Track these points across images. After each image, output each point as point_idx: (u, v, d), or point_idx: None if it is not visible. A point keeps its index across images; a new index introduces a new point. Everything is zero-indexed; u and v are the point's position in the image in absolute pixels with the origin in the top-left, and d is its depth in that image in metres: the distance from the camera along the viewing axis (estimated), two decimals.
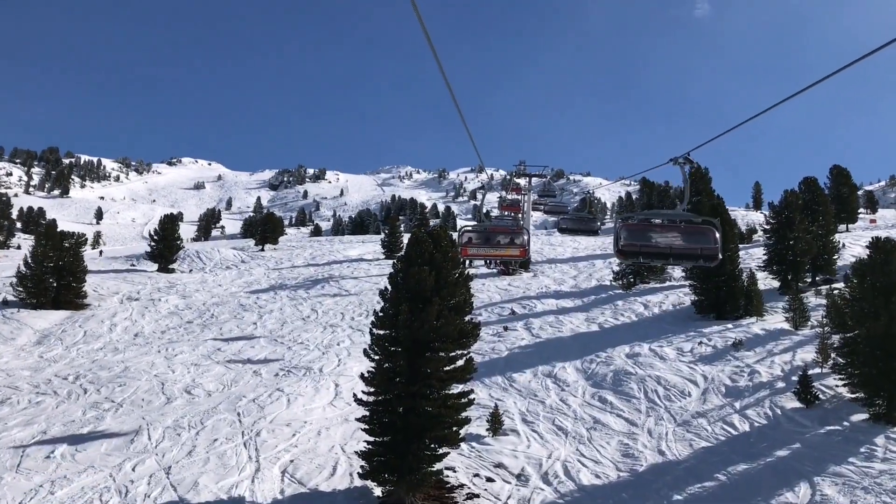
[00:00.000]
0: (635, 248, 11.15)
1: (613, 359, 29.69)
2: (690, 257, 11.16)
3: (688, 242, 10.96)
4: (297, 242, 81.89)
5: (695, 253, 11.02)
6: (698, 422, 23.24)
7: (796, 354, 27.65)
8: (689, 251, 11.02)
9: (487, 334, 35.36)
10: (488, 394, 27.14)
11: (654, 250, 11.14)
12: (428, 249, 19.73)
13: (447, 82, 6.00)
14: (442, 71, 5.65)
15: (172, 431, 22.27)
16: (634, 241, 11.13)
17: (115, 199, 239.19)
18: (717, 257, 11.10)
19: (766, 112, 7.55)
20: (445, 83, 6.02)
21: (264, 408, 24.56)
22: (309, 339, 35.04)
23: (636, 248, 11.14)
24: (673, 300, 39.24)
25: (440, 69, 5.54)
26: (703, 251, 10.96)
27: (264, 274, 55.89)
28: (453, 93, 6.43)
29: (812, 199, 40.60)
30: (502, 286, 47.57)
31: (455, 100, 6.56)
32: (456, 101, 6.59)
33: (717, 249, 11.00)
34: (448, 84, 6.03)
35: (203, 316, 41.39)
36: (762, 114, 7.80)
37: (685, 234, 10.97)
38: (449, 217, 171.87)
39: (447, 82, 6.00)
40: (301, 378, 28.36)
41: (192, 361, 31.15)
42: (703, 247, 10.94)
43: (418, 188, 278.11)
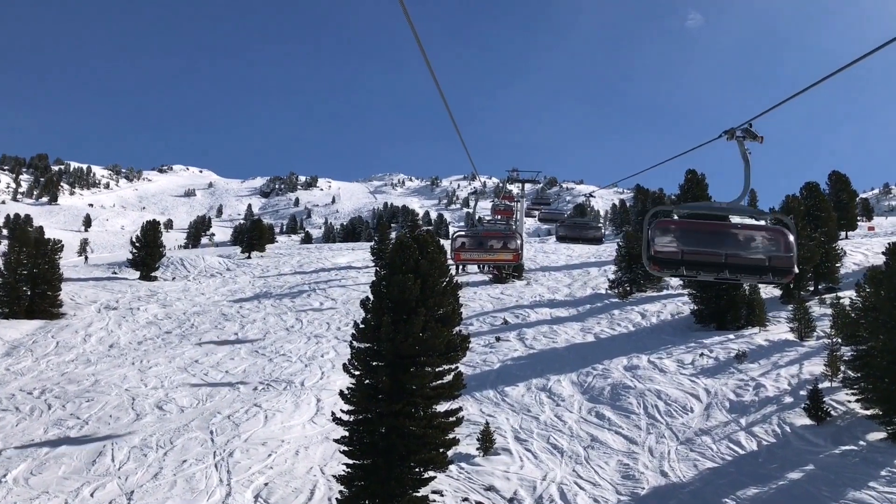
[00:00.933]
0: (675, 255, 8.40)
1: (611, 371, 28.25)
2: (755, 271, 8.44)
3: (750, 250, 8.38)
4: (286, 250, 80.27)
5: (761, 265, 8.34)
6: (702, 440, 21.80)
7: (803, 367, 26.27)
8: (754, 262, 8.33)
9: (479, 345, 33.87)
10: (479, 409, 25.65)
11: (703, 258, 8.34)
12: (413, 256, 18.28)
13: (440, 89, 5.74)
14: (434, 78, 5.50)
15: (139, 451, 20.67)
16: (674, 246, 8.43)
17: (105, 207, 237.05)
18: (792, 271, 8.42)
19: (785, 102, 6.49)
20: (438, 90, 5.81)
21: (239, 425, 22.98)
22: (292, 351, 33.45)
23: (676, 255, 8.40)
24: (671, 309, 37.87)
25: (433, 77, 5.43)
26: (774, 262, 8.28)
27: (249, 282, 54.25)
28: (445, 99, 6.12)
29: (814, 205, 39.37)
30: (494, 295, 46.12)
31: (447, 105, 6.20)
32: (448, 107, 6.28)
33: (792, 260, 8.32)
34: (440, 91, 5.76)
35: (182, 326, 39.73)
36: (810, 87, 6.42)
37: (746, 239, 8.44)
38: (441, 224, 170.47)
39: (440, 89, 5.74)
40: (281, 392, 26.79)
41: (167, 374, 29.52)
42: (774, 255, 8.27)
43: (411, 196, 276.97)
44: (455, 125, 7.98)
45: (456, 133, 8.73)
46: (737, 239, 8.44)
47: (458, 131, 8.61)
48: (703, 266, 8.45)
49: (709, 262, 8.37)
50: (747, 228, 8.46)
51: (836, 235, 41.41)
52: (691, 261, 8.39)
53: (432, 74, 5.57)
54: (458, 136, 9.00)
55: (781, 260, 8.30)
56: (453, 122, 7.84)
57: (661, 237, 8.48)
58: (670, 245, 8.47)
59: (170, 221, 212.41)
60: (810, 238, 37.02)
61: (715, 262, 8.33)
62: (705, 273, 8.62)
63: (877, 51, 5.16)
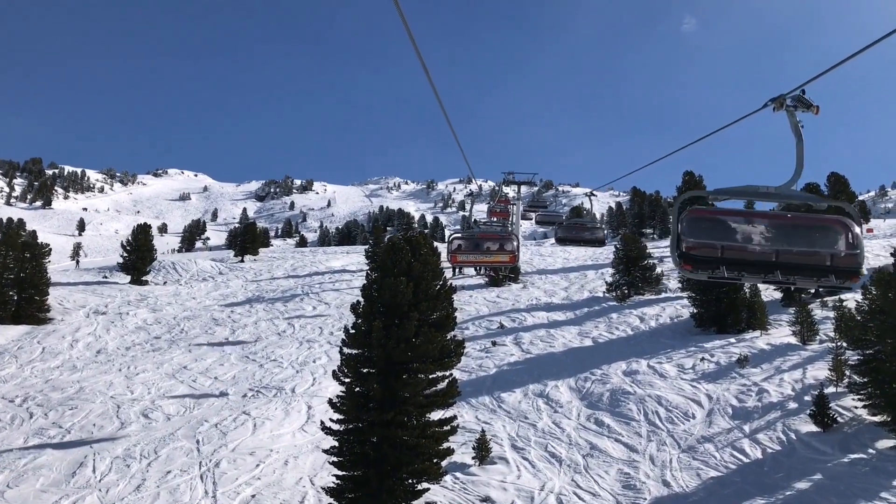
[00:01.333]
0: (712, 251, 6.81)
1: (609, 376, 27.56)
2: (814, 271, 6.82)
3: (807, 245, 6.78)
4: (279, 253, 79.44)
5: (821, 264, 6.76)
6: (705, 447, 21.12)
7: (807, 371, 25.62)
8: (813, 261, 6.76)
9: (474, 350, 33.16)
10: (475, 416, 24.93)
11: (747, 257, 6.80)
12: (406, 258, 17.59)
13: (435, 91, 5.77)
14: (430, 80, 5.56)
15: (122, 462, 19.90)
16: (709, 240, 6.85)
17: (99, 211, 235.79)
18: (859, 273, 6.79)
19: None
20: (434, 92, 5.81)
21: (227, 434, 22.22)
22: (283, 356, 32.69)
23: (714, 251, 6.81)
24: (670, 313, 37.22)
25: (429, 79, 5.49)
26: (836, 261, 6.71)
27: (241, 286, 53.44)
28: (441, 101, 6.05)
29: None
30: (490, 298, 45.43)
31: (442, 106, 6.14)
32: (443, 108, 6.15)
33: (858, 258, 6.75)
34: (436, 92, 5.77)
35: (172, 331, 38.93)
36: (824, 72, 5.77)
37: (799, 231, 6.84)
38: (437, 228, 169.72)
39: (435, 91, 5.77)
40: (271, 400, 26.04)
41: (154, 381, 28.74)
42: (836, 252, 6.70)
43: (406, 199, 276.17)
44: (450, 125, 8.05)
45: (452, 135, 8.52)
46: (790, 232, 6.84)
47: (453, 132, 8.33)
48: (747, 266, 6.81)
49: (755, 262, 6.79)
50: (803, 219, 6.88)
51: None
52: (733, 259, 6.79)
53: (428, 76, 5.56)
54: (454, 137, 8.54)
55: (847, 259, 6.67)
56: (448, 123, 7.88)
57: (695, 230, 6.76)
58: (706, 240, 6.77)
59: (164, 225, 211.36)
60: None
61: (763, 260, 6.77)
62: (750, 275, 6.99)
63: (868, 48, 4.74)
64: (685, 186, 64.04)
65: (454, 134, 8.23)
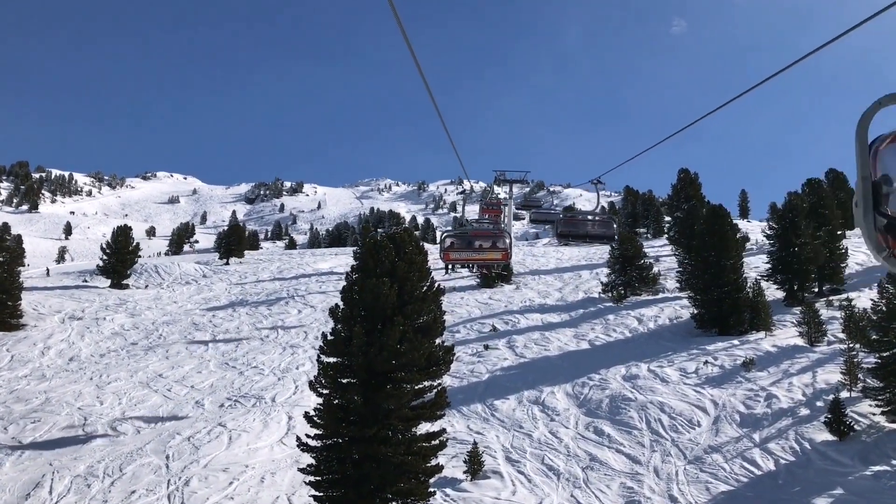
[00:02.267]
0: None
1: (608, 382, 26.14)
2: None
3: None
4: (266, 255, 77.65)
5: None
6: (713, 458, 19.71)
7: (817, 375, 24.27)
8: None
9: (466, 354, 31.70)
10: (466, 426, 23.45)
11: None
12: (389, 257, 16.08)
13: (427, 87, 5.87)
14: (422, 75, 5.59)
15: (83, 481, 18.30)
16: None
17: (87, 214, 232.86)
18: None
19: None
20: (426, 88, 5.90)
21: (200, 448, 20.63)
22: (265, 363, 31.09)
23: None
24: (669, 313, 35.84)
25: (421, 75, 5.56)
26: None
27: (225, 289, 51.72)
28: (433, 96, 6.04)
29: (817, 202, 37.46)
30: (482, 300, 43.94)
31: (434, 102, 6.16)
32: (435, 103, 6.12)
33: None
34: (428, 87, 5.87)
35: (150, 337, 37.22)
36: None
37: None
38: (429, 229, 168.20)
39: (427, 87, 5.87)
40: (249, 410, 24.46)
41: (127, 390, 27.10)
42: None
43: (397, 201, 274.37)
44: (441, 119, 7.31)
45: (443, 135, 8.66)
46: None
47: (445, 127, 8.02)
48: None
49: None
50: None
51: (842, 234, 39.47)
52: None
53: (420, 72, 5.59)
54: (446, 131, 8.23)
55: None
56: (440, 117, 7.13)
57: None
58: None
59: (153, 229, 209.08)
60: (815, 237, 35.17)
61: None
62: None
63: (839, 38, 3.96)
64: (680, 184, 62.63)
65: (445, 128, 8.11)
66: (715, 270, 31.58)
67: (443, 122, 7.30)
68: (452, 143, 8.34)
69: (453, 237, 16.67)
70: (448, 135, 8.29)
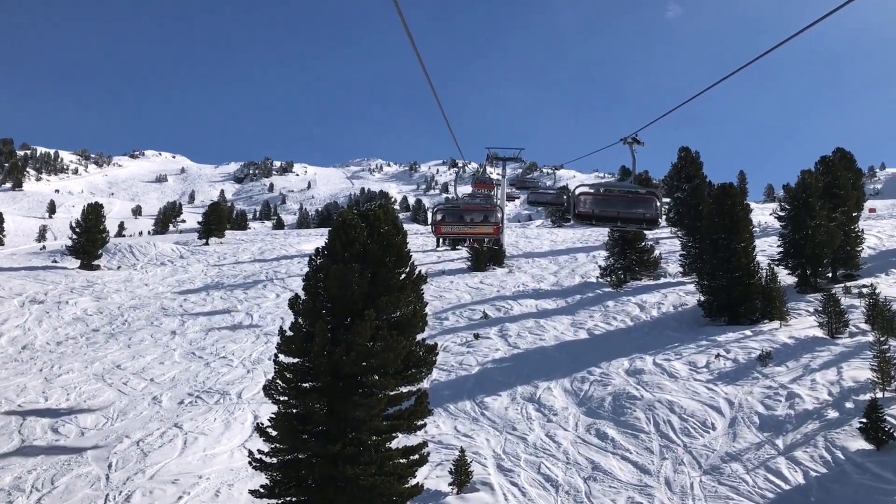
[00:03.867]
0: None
1: (611, 376, 23.70)
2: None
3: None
4: (249, 236, 74.78)
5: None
6: (732, 468, 17.30)
7: (842, 371, 21.86)
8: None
9: (454, 344, 29.23)
10: (453, 427, 20.99)
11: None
12: (360, 238, 13.44)
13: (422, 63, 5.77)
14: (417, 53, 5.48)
15: (4, 496, 15.74)
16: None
17: (73, 193, 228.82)
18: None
19: None
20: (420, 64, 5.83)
21: (148, 455, 18.11)
22: (235, 353, 28.48)
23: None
24: (673, 300, 33.40)
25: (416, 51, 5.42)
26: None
27: (202, 271, 48.91)
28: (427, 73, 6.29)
29: (832, 182, 34.95)
30: (473, 284, 41.38)
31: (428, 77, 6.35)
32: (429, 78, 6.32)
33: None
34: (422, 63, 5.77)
35: (114, 322, 34.50)
36: None
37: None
38: (420, 210, 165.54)
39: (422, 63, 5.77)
40: (211, 407, 21.92)
41: (77, 384, 24.49)
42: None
43: (389, 181, 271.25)
44: (434, 91, 7.36)
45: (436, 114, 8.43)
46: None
47: (438, 102, 8.41)
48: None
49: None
50: None
51: (858, 215, 37.05)
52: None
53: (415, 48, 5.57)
54: (440, 106, 8.53)
55: None
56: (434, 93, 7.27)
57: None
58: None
59: (139, 208, 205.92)
60: (830, 218, 32.71)
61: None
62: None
63: None
64: (680, 164, 60.24)
65: (437, 98, 8.13)
66: (725, 254, 29.10)
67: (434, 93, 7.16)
68: (444, 114, 8.69)
69: (445, 211, 17.24)
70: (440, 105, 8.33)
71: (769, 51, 7.40)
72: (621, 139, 10.26)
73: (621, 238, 38.99)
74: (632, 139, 9.87)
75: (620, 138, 10.13)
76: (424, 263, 50.17)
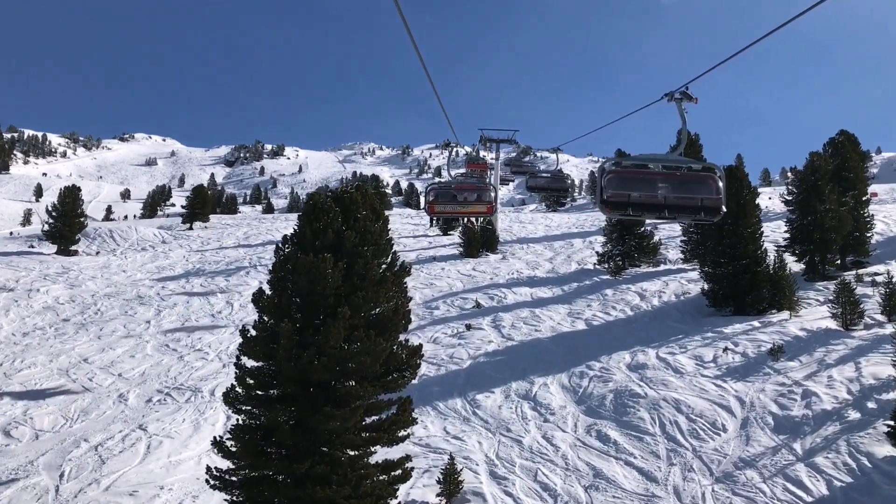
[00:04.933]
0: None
1: (611, 371, 22.15)
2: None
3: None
4: (236, 220, 72.74)
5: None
6: (747, 476, 15.78)
7: (861, 367, 20.34)
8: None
9: (445, 335, 27.64)
10: (443, 428, 19.40)
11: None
12: (334, 225, 11.73)
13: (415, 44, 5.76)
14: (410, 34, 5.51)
15: None
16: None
17: (61, 176, 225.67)
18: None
19: None
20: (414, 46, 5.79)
21: (106, 461, 16.46)
22: (211, 345, 26.77)
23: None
24: (674, 288, 31.83)
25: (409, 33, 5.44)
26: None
27: (183, 257, 47.03)
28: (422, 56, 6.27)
29: (841, 164, 33.31)
30: (465, 271, 39.73)
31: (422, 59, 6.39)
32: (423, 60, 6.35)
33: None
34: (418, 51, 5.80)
35: (86, 312, 32.68)
36: None
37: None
38: (412, 194, 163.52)
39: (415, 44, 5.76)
40: (181, 406, 20.27)
41: (38, 380, 22.79)
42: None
43: (381, 165, 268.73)
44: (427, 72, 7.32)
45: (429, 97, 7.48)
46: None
47: (431, 83, 8.30)
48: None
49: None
50: None
51: (868, 199, 35.46)
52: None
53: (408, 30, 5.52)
54: (431, 83, 8.27)
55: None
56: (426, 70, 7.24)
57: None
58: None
59: (127, 191, 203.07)
60: (840, 202, 31.14)
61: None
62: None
63: None
64: (680, 146, 58.13)
65: (431, 81, 8.14)
66: (731, 240, 27.51)
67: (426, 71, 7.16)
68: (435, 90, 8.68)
69: (438, 189, 16.93)
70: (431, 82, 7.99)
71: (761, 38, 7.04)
72: (665, 94, 8.24)
73: (619, 223, 37.34)
74: (680, 94, 7.90)
75: (665, 93, 8.15)
76: (415, 249, 48.44)
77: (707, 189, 8.84)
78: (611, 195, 8.83)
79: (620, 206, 8.86)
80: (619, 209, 8.93)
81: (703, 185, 8.86)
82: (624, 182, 8.89)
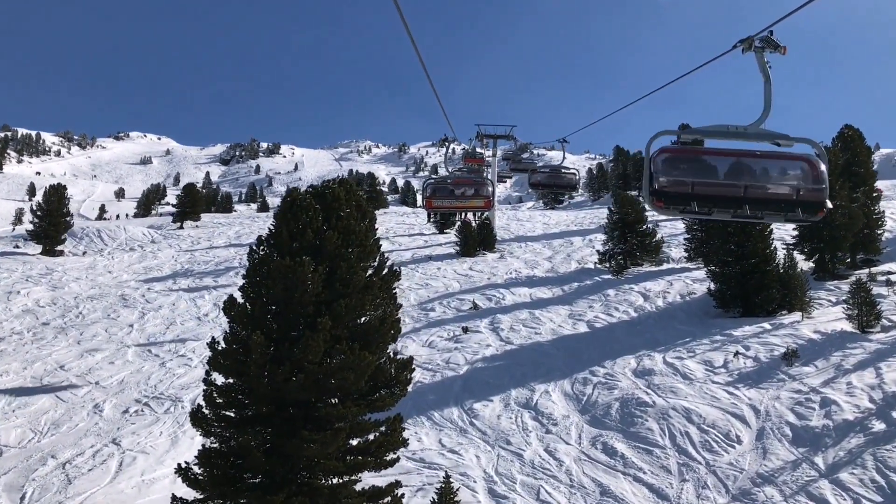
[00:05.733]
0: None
1: (616, 378, 20.96)
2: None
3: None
4: (228, 219, 71.35)
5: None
6: (766, 493, 14.60)
7: (882, 373, 19.15)
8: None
9: (441, 339, 26.43)
10: (438, 440, 18.20)
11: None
12: (314, 225, 10.49)
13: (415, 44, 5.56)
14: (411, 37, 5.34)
15: None
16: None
17: (55, 175, 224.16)
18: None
19: None
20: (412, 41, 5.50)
21: (73, 481, 15.22)
22: (196, 350, 25.51)
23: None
24: (679, 288, 30.65)
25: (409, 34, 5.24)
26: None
27: (172, 257, 45.70)
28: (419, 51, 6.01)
29: (851, 159, 32.17)
30: (462, 271, 38.51)
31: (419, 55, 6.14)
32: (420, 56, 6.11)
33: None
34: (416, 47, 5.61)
35: (67, 315, 31.38)
36: None
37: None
38: (409, 192, 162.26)
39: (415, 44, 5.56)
40: (159, 417, 19.04)
41: (10, 389, 21.50)
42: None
43: (377, 163, 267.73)
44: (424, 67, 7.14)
45: (429, 92, 6.85)
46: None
47: (428, 77, 8.44)
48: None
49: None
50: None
51: (878, 195, 34.35)
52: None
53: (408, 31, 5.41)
54: (428, 78, 8.23)
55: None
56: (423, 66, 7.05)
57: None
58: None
59: (121, 190, 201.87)
60: (851, 199, 29.98)
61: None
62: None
63: None
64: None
65: (428, 76, 7.95)
66: (739, 238, 26.33)
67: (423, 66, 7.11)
68: (432, 86, 8.41)
69: (436, 184, 17.31)
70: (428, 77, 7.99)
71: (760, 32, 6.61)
72: (740, 42, 6.25)
73: (621, 221, 36.18)
74: (762, 42, 6.14)
75: (739, 40, 6.35)
76: (410, 248, 47.24)
77: (804, 175, 6.67)
78: (666, 183, 6.61)
79: (680, 200, 6.59)
80: (677, 203, 6.63)
81: (798, 170, 6.71)
82: (686, 165, 6.78)
